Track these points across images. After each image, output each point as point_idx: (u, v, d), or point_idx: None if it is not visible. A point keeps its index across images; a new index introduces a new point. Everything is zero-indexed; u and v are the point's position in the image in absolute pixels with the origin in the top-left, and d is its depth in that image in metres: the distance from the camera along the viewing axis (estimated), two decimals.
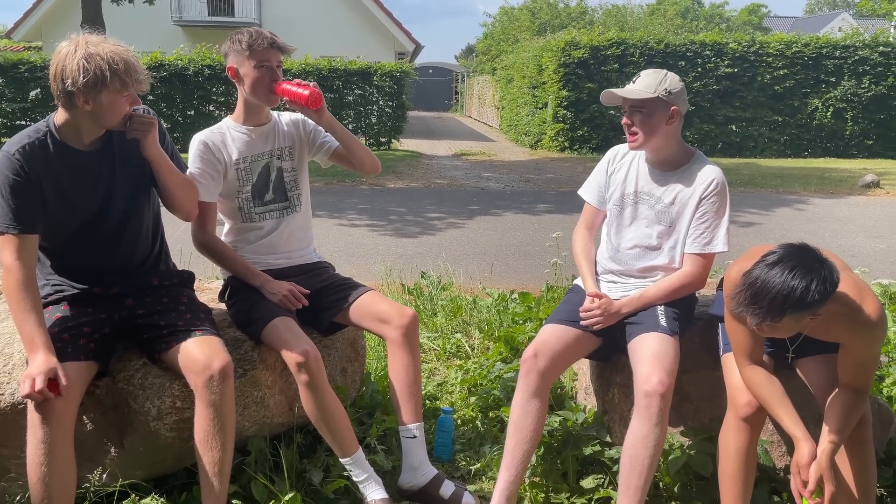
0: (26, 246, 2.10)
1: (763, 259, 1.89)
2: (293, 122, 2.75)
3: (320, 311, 2.64)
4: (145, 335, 2.28)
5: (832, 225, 8.09)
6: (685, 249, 2.49)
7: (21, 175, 2.09)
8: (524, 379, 2.42)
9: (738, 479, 2.19)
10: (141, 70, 2.10)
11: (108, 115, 2.12)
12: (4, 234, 2.08)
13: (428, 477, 2.53)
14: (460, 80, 38.51)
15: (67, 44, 2.07)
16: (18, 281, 2.06)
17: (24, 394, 1.94)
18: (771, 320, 1.85)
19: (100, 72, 2.02)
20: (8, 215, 2.08)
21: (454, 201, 9.53)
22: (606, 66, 15.84)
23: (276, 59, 2.54)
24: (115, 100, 2.08)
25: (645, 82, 2.44)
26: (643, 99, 2.42)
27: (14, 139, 2.14)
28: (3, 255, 2.09)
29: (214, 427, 2.15)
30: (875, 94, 15.86)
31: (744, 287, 1.89)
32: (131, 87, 2.09)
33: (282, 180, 2.70)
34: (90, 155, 2.21)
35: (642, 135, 2.45)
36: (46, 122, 2.18)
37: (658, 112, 2.43)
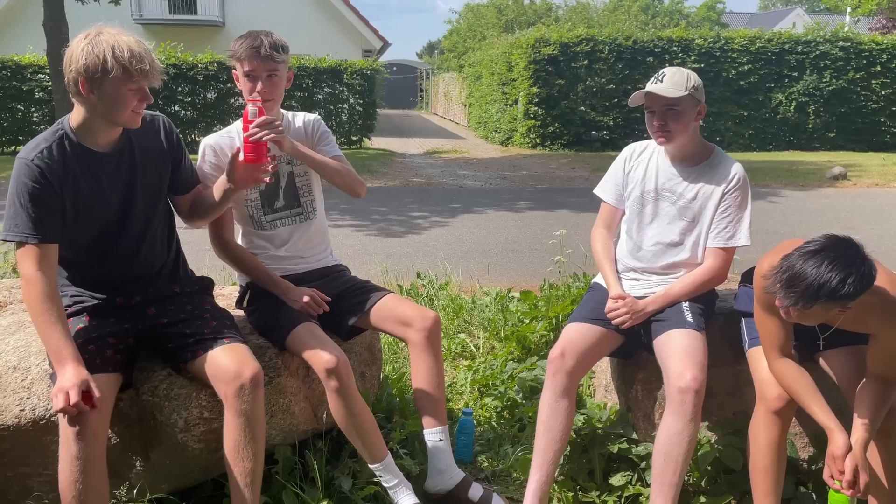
0: (47, 256, 2.02)
1: (805, 245, 1.92)
2: (305, 125, 2.65)
3: (340, 315, 2.60)
4: (170, 344, 2.22)
5: (806, 217, 8.27)
6: (708, 244, 2.51)
7: (41, 182, 2.01)
8: (552, 379, 2.42)
9: (770, 471, 2.22)
10: (149, 61, 1.99)
11: (114, 108, 2.02)
12: (25, 243, 2.00)
13: (456, 480, 2.51)
14: (425, 77, 38.44)
15: (82, 34, 2.01)
16: (41, 292, 1.98)
17: (59, 408, 1.86)
18: (802, 306, 1.88)
19: (102, 57, 1.94)
20: (28, 224, 2.00)
21: (435, 200, 9.51)
22: (576, 62, 15.96)
23: (262, 69, 2.39)
24: (118, 90, 1.99)
25: (674, 81, 2.44)
26: (678, 97, 2.42)
27: (31, 144, 2.06)
28: (24, 265, 2.01)
29: (245, 437, 2.10)
30: (836, 88, 16.25)
31: (781, 269, 1.91)
32: (138, 79, 1.99)
33: (293, 186, 2.61)
34: (108, 157, 2.13)
35: (674, 132, 2.45)
36: (62, 123, 2.10)
37: (689, 109, 2.45)
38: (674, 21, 34.16)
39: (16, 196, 2.01)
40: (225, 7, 21.73)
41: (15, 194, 2.01)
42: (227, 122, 12.54)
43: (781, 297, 1.92)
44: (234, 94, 15.48)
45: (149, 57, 2.00)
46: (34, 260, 2.00)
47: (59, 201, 2.05)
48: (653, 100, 2.46)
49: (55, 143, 2.05)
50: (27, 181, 2.00)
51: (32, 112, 14.66)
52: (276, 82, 2.43)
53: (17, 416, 2.11)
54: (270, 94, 2.42)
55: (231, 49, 2.43)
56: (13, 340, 2.32)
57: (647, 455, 2.48)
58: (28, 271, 2.00)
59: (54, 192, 2.03)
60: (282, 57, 2.42)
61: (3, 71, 14.42)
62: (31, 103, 14.63)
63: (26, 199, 2.00)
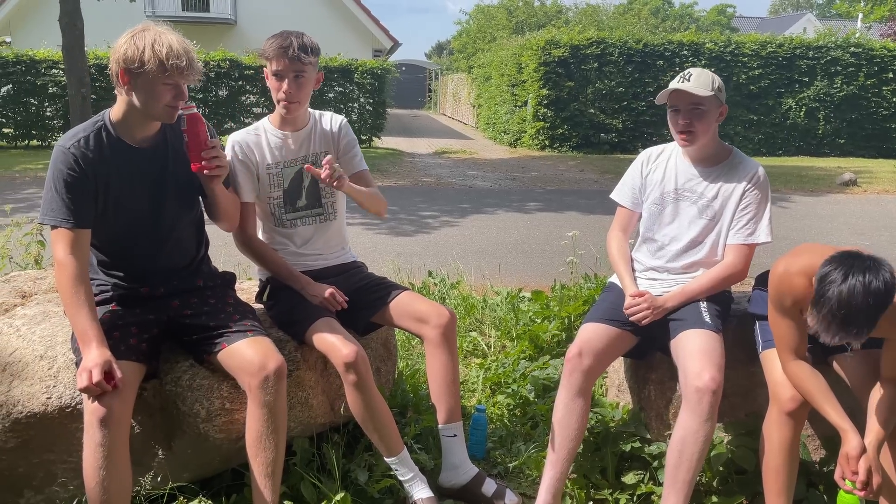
0: (79, 240, 2.10)
1: (826, 282, 1.86)
2: (333, 127, 2.67)
3: (358, 310, 2.63)
4: (194, 336, 2.26)
5: (816, 223, 8.27)
6: (728, 240, 2.53)
7: (75, 170, 2.09)
8: (568, 378, 2.45)
9: (782, 472, 2.24)
10: (187, 59, 2.04)
11: (149, 101, 2.07)
12: (58, 227, 2.09)
13: (469, 475, 2.55)
14: (433, 77, 38.49)
15: (131, 29, 2.08)
16: (71, 275, 2.06)
17: (82, 387, 1.93)
18: (868, 329, 1.83)
19: (141, 50, 2.01)
20: (62, 209, 2.08)
21: (444, 200, 9.54)
22: (586, 64, 15.97)
23: (290, 69, 2.42)
24: (153, 85, 2.04)
25: (700, 80, 2.46)
26: (704, 97, 2.45)
27: (70, 133, 2.15)
28: (56, 248, 2.10)
29: (268, 428, 2.14)
30: (846, 94, 16.22)
31: (827, 315, 1.84)
32: (174, 75, 2.04)
33: (316, 186, 2.64)
34: (143, 152, 2.19)
35: (699, 132, 2.47)
36: (103, 115, 2.18)
37: (713, 110, 2.48)
38: (684, 25, 34.16)
39: (52, 182, 2.10)
40: (237, 5, 21.82)
41: (51, 180, 2.10)
42: (238, 119, 12.58)
43: (855, 335, 1.84)
44: (246, 92, 15.57)
45: (188, 56, 2.05)
46: (67, 243, 2.09)
47: (92, 189, 2.12)
48: (679, 98, 2.48)
49: (93, 133, 2.13)
50: (63, 168, 2.09)
51: (46, 107, 14.76)
52: (302, 83, 2.46)
53: (44, 403, 2.15)
54: (296, 96, 2.46)
55: (262, 48, 2.47)
56: (39, 330, 2.36)
57: (659, 454, 2.51)
58: (60, 254, 2.08)
59: (88, 180, 2.10)
60: (309, 59, 2.44)
61: (18, 66, 14.52)
62: (44, 98, 14.73)
63: (61, 185, 2.08)
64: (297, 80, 2.45)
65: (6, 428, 2.14)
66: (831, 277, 1.86)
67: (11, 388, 2.19)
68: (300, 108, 2.53)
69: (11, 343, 2.31)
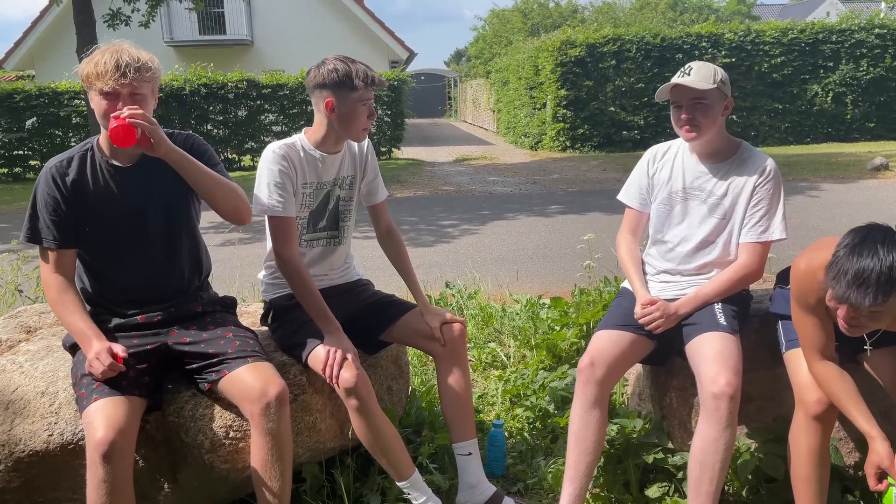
0: (62, 260, 2.19)
1: (843, 243, 1.81)
2: (359, 151, 2.64)
3: (366, 329, 2.57)
4: (194, 364, 2.21)
5: (847, 210, 8.03)
6: (741, 239, 2.42)
7: (54, 190, 2.13)
8: (582, 389, 2.36)
9: (812, 480, 2.13)
10: (111, 63, 2.00)
11: (97, 115, 2.09)
12: (42, 247, 2.16)
13: (487, 495, 2.47)
14: (453, 85, 38.50)
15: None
16: (57, 287, 2.16)
17: (101, 372, 2.00)
18: (882, 300, 1.73)
19: (83, 67, 2.06)
20: (44, 230, 2.15)
21: (464, 207, 9.47)
22: (604, 62, 15.82)
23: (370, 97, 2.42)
24: (97, 98, 2.06)
25: (701, 74, 2.38)
26: (706, 90, 2.35)
27: (57, 156, 2.20)
28: (42, 268, 2.21)
29: (272, 456, 2.09)
30: (874, 76, 15.82)
31: (838, 274, 1.78)
32: (96, 81, 2.02)
33: (337, 209, 2.60)
34: (129, 170, 2.19)
35: (703, 127, 2.38)
36: (92, 139, 2.22)
37: (717, 104, 2.38)
38: (703, 16, 33.71)
39: (34, 201, 2.16)
40: (253, 25, 22.06)
41: (33, 199, 2.16)
42: (258, 138, 12.74)
43: (856, 300, 1.75)
44: (265, 111, 15.69)
45: (119, 61, 2.01)
46: (51, 263, 2.17)
47: (71, 209, 2.15)
48: (680, 93, 2.40)
49: (78, 154, 2.18)
50: (44, 188, 2.15)
51: (71, 137, 15.06)
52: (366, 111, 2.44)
53: (46, 441, 2.12)
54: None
55: (351, 77, 2.36)
56: (41, 366, 2.34)
57: (684, 465, 2.40)
58: (44, 273, 2.19)
59: (65, 201, 2.14)
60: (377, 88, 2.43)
61: (41, 98, 14.84)
62: (68, 129, 15.04)
63: (41, 205, 2.14)
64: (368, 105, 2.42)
65: (9, 468, 2.12)
66: (849, 243, 1.81)
67: (13, 426, 2.17)
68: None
69: (14, 380, 2.29)
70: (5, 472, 2.12)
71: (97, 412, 1.94)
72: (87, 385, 2.03)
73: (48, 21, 20.62)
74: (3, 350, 2.52)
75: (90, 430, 1.93)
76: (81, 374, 2.07)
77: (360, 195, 2.70)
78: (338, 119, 2.41)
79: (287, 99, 15.60)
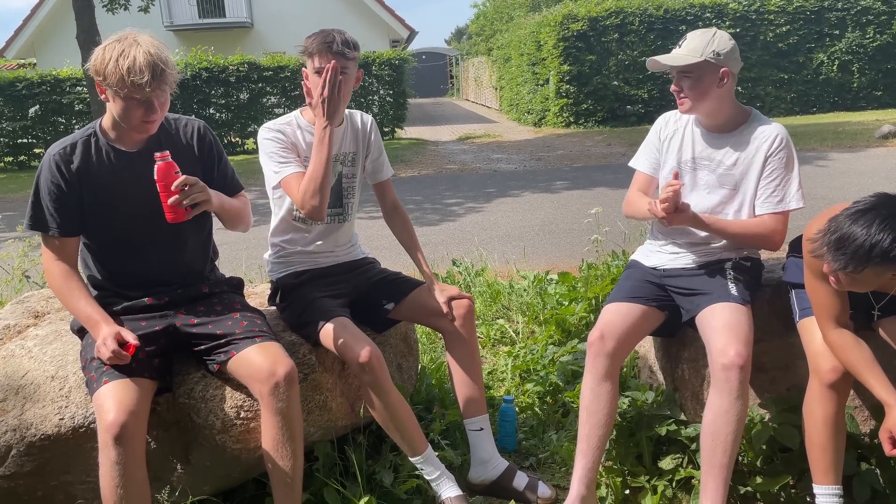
0: (65, 247, 2.15)
1: (854, 205, 1.81)
2: (361, 127, 2.60)
3: (374, 307, 2.56)
4: (202, 346, 2.20)
5: (856, 179, 7.96)
6: (758, 211, 2.38)
7: (57, 177, 2.09)
8: (592, 362, 2.34)
9: (828, 448, 2.11)
10: (150, 73, 1.93)
11: (122, 115, 2.04)
12: (45, 234, 2.13)
13: (499, 469, 2.46)
14: (454, 63, 38.23)
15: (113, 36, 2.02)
16: (60, 274, 2.13)
17: (108, 357, 1.97)
18: (853, 269, 1.78)
19: (106, 63, 1.95)
20: (48, 217, 2.11)
21: (469, 185, 9.43)
22: (606, 36, 15.66)
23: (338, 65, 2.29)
24: (119, 99, 2.00)
25: (690, 46, 2.33)
26: (689, 64, 2.31)
27: (59, 141, 2.15)
28: (43, 255, 2.16)
29: (283, 435, 2.08)
30: (880, 43, 15.63)
31: (829, 231, 1.81)
32: (131, 91, 1.95)
33: (340, 185, 2.57)
34: (134, 155, 2.15)
35: (691, 99, 2.34)
36: (94, 123, 2.17)
37: (707, 76, 2.32)
38: None
39: (37, 188, 2.11)
40: (252, 7, 21.88)
41: (37, 186, 2.11)
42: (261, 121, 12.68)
43: (830, 260, 1.81)
44: (267, 94, 15.61)
45: (152, 70, 1.94)
46: (53, 251, 2.14)
47: (74, 197, 2.11)
48: (671, 66, 2.36)
49: (82, 140, 2.13)
50: (47, 175, 2.10)
51: (74, 124, 15.03)
52: (344, 80, 2.32)
53: (57, 425, 2.12)
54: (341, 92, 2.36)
55: (303, 45, 2.35)
56: (50, 350, 2.33)
57: (697, 436, 2.38)
58: (47, 261, 2.15)
59: (70, 188, 2.10)
60: (353, 54, 2.33)
61: (43, 86, 14.80)
62: (71, 116, 15.00)
63: (44, 192, 2.10)
64: (342, 76, 2.31)
65: (21, 452, 2.12)
66: (859, 205, 1.81)
67: (24, 411, 2.16)
68: (341, 104, 2.38)
69: (24, 365, 2.29)
70: (17, 457, 2.12)
71: (107, 395, 1.94)
72: (96, 368, 2.02)
73: (47, 8, 20.52)
74: (11, 335, 2.51)
75: (101, 413, 1.92)
76: (90, 357, 2.06)
77: (366, 173, 2.67)
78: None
79: (289, 81, 15.51)
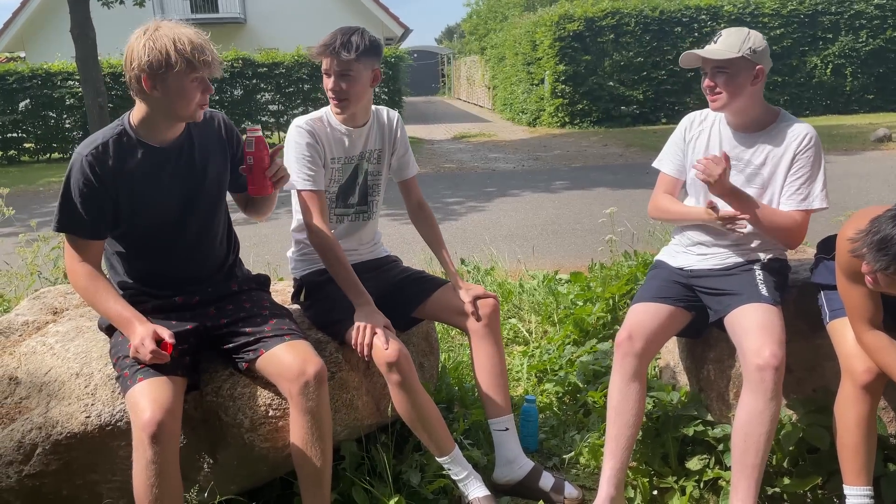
0: (91, 250, 2.10)
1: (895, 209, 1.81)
2: (388, 124, 2.61)
3: (399, 306, 2.54)
4: (231, 344, 2.17)
5: (854, 182, 8.00)
6: (782, 207, 2.38)
7: (92, 179, 2.01)
8: (621, 362, 2.33)
9: (860, 450, 2.11)
10: (210, 52, 1.96)
11: (179, 102, 1.98)
12: (72, 235, 2.07)
13: (525, 470, 2.45)
14: (446, 62, 38.18)
15: (139, 30, 1.97)
16: (86, 275, 2.08)
17: (147, 358, 1.94)
18: (894, 270, 1.78)
19: (164, 52, 1.91)
20: (76, 219, 2.05)
21: (468, 185, 9.41)
22: (602, 37, 15.69)
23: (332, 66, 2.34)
24: (182, 84, 1.95)
25: (727, 42, 2.33)
26: (727, 59, 2.31)
27: (88, 139, 2.07)
28: (68, 256, 2.10)
29: (313, 435, 2.05)
30: (873, 47, 15.75)
31: (870, 231, 1.82)
32: (200, 70, 1.95)
33: (365, 183, 2.57)
34: (168, 152, 2.10)
35: (726, 95, 2.33)
36: (122, 120, 2.09)
37: (743, 72, 2.32)
38: None
39: (68, 190, 2.04)
40: (245, 3, 21.75)
41: (67, 188, 2.04)
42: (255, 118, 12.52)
43: (871, 260, 1.82)
44: (261, 90, 15.51)
45: (209, 47, 1.96)
46: (78, 252, 2.08)
47: (108, 199, 2.05)
48: (704, 61, 2.37)
49: (112, 139, 2.05)
50: (79, 176, 2.02)
51: (65, 119, 14.86)
52: (350, 80, 2.35)
53: (83, 423, 2.08)
54: (343, 93, 2.37)
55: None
56: (73, 347, 2.29)
57: (724, 437, 2.38)
58: (72, 262, 2.09)
59: (105, 190, 2.03)
60: (350, 56, 2.31)
61: (34, 80, 14.61)
62: (62, 110, 14.82)
63: (76, 194, 2.03)
64: (344, 77, 2.34)
65: (47, 451, 2.08)
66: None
67: (49, 408, 2.13)
68: (352, 105, 2.40)
69: (46, 362, 2.25)
70: (43, 455, 2.08)
71: (142, 393, 1.90)
72: (129, 366, 1.99)
73: (38, 1, 20.28)
74: (31, 332, 2.47)
75: (136, 412, 1.89)
76: (123, 354, 2.02)
77: (391, 170, 2.66)
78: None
79: (283, 77, 15.43)
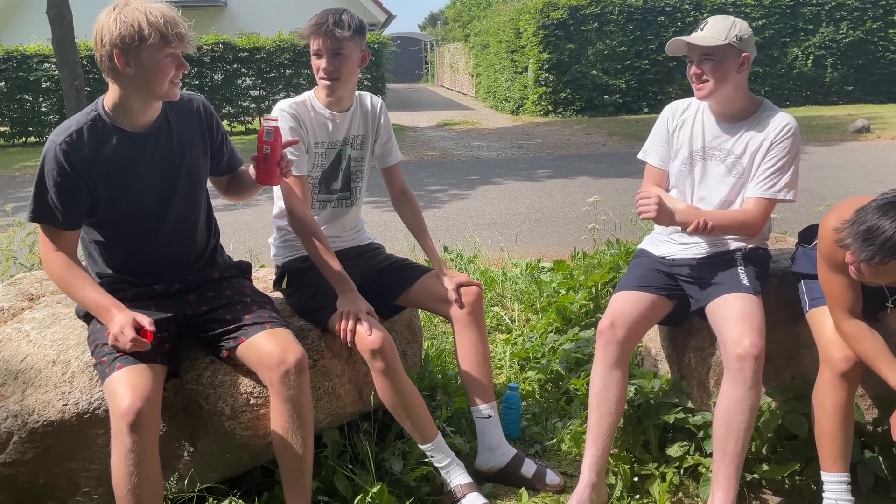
0: (66, 239, 2.06)
1: (882, 196, 1.83)
2: (371, 110, 2.59)
3: (382, 293, 2.52)
4: (211, 332, 2.14)
5: (833, 172, 8.08)
6: (747, 193, 2.38)
7: (65, 167, 1.96)
8: (603, 350, 2.34)
9: (838, 437, 2.13)
10: (182, 26, 1.93)
11: (154, 79, 1.93)
12: (46, 225, 2.03)
13: (508, 457, 2.46)
14: (430, 49, 37.98)
15: (108, 7, 1.93)
16: (61, 265, 2.03)
17: (127, 347, 1.90)
18: (879, 260, 1.79)
19: (137, 25, 1.87)
20: (51, 209, 2.00)
21: (451, 172, 9.39)
22: (586, 25, 15.67)
23: (326, 46, 2.33)
24: (156, 58, 1.90)
25: (714, 29, 2.33)
26: (714, 46, 2.30)
27: (62, 126, 2.01)
28: (43, 245, 2.06)
29: (293, 423, 2.04)
30: (853, 39, 15.88)
31: (856, 222, 1.83)
32: (174, 43, 1.91)
33: (349, 170, 2.56)
34: (145, 137, 2.05)
35: (713, 82, 2.33)
36: (96, 104, 2.03)
37: (729, 59, 2.32)
38: None
39: (42, 179, 1.99)
40: None
41: (41, 177, 1.99)
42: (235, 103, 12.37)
43: (856, 250, 1.83)
44: (242, 75, 15.33)
45: (181, 22, 1.93)
46: (53, 242, 2.04)
47: (84, 188, 2.00)
48: (691, 49, 2.37)
49: (87, 125, 1.99)
50: (53, 165, 1.97)
51: (41, 102, 14.59)
52: (342, 60, 2.35)
53: (61, 411, 2.06)
54: (336, 73, 2.36)
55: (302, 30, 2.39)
56: (49, 333, 2.26)
57: (704, 424, 2.40)
58: (47, 251, 2.05)
59: (80, 178, 1.98)
60: (344, 34, 2.32)
61: (9, 62, 14.32)
62: (39, 93, 14.55)
63: (51, 183, 1.98)
64: (336, 56, 2.34)
65: (23, 438, 2.05)
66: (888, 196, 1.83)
67: (25, 396, 2.09)
68: (342, 85, 2.40)
69: (22, 349, 2.21)
70: (19, 444, 2.05)
71: (121, 381, 1.88)
72: (108, 353, 1.96)
73: None
74: (6, 318, 2.43)
75: (115, 399, 1.86)
76: (101, 342, 1.99)
77: (374, 157, 2.64)
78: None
79: (264, 62, 15.24)
